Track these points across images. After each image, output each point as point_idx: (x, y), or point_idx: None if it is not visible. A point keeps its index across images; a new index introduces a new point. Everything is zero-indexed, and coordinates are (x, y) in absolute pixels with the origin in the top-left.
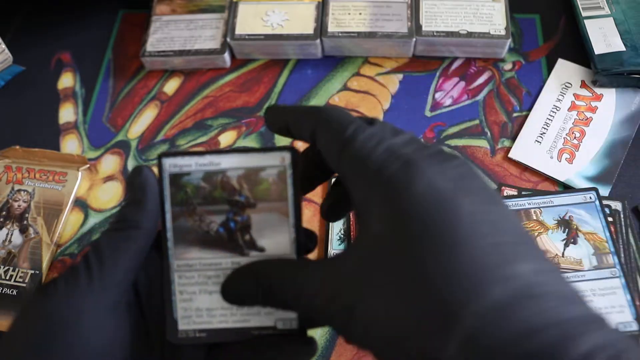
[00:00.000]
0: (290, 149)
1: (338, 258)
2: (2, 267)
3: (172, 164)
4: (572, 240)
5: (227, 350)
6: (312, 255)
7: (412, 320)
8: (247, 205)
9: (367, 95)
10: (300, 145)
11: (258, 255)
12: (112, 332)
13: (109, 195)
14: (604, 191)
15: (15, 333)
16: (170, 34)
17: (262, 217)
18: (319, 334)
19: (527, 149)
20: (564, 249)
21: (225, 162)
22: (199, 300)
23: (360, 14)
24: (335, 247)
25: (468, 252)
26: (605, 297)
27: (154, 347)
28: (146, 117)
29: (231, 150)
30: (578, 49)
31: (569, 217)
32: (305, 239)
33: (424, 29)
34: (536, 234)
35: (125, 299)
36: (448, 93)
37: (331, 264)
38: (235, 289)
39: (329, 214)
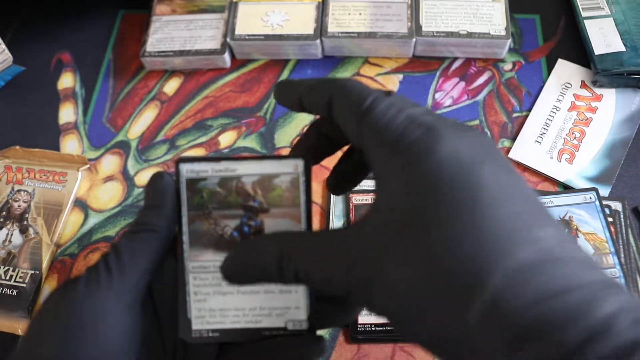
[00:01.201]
0: (304, 157)
1: (355, 227)
2: (2, 267)
3: (189, 170)
4: None
5: (238, 349)
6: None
7: (435, 286)
8: (261, 211)
9: None
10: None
11: None
12: (129, 331)
13: (109, 196)
14: (604, 191)
15: (37, 332)
16: (170, 34)
17: (275, 222)
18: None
19: (527, 149)
20: None
21: (241, 168)
22: (213, 301)
23: (360, 14)
24: None
25: (491, 217)
26: None
27: (167, 345)
28: (146, 117)
29: (247, 157)
30: (578, 49)
31: (569, 217)
32: None
33: (424, 29)
34: None
35: (141, 299)
36: (448, 93)
37: (349, 234)
38: (248, 262)
39: (335, 186)
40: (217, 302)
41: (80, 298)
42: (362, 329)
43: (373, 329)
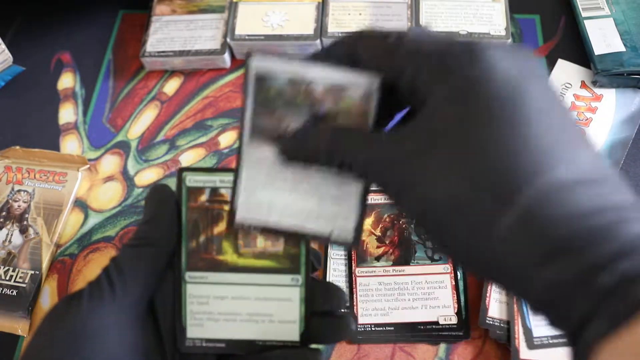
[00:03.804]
0: (380, 76)
1: (399, 131)
2: (2, 267)
3: (259, 66)
4: None
5: None
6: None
7: (474, 189)
8: (327, 118)
9: None
10: None
11: None
12: (131, 345)
13: (109, 196)
14: None
15: (40, 348)
16: (170, 34)
17: None
18: None
19: None
20: None
21: (313, 72)
22: (262, 194)
23: (360, 14)
24: (334, 247)
25: (535, 131)
26: None
27: (167, 358)
28: (146, 117)
29: (322, 64)
30: (578, 49)
31: None
32: None
33: None
34: None
35: (142, 312)
36: None
37: (392, 136)
38: (303, 143)
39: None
40: (266, 195)
41: (84, 313)
42: (362, 329)
43: (373, 329)
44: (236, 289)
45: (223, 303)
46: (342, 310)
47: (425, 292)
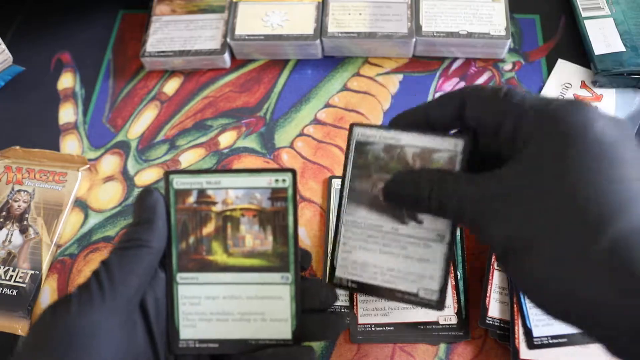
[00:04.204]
0: (465, 137)
1: (499, 173)
2: (2, 267)
3: (359, 133)
4: None
5: None
6: (310, 248)
7: (568, 218)
8: None
9: (367, 96)
10: None
11: (415, 226)
12: (123, 346)
13: (109, 196)
14: None
15: (31, 352)
16: (170, 34)
17: None
18: None
19: None
20: None
21: (405, 139)
22: (357, 255)
23: (360, 14)
24: None
25: (626, 179)
26: None
27: (160, 358)
28: (146, 117)
29: (413, 130)
30: (578, 49)
31: None
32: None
33: (424, 29)
34: None
35: (134, 315)
36: None
37: (493, 177)
38: (399, 188)
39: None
40: (361, 255)
41: (73, 316)
42: (362, 329)
43: (373, 329)
44: (227, 288)
45: (215, 303)
46: (342, 310)
47: None
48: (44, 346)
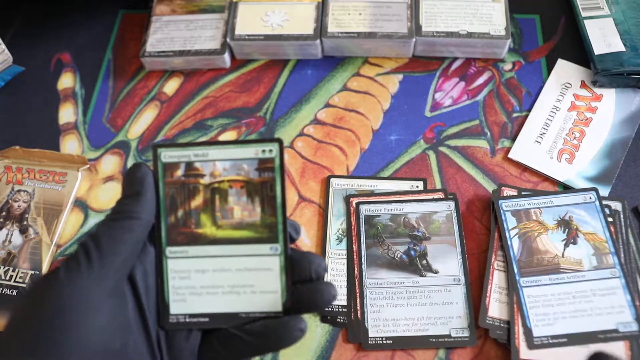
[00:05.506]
0: (455, 199)
1: None
2: (2, 267)
3: (366, 208)
4: (572, 241)
5: (220, 337)
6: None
7: None
8: (424, 239)
9: (367, 96)
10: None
11: (433, 276)
12: (111, 316)
13: (109, 196)
14: (604, 191)
15: (20, 321)
16: (170, 34)
17: (436, 248)
18: (319, 334)
19: (527, 149)
20: (564, 249)
21: (407, 207)
22: (386, 312)
23: (360, 14)
24: (333, 246)
25: None
26: (605, 297)
27: (150, 334)
28: (146, 117)
29: (411, 200)
30: (578, 49)
31: (569, 217)
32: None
33: (423, 29)
34: (536, 234)
35: (122, 286)
36: (448, 93)
37: None
38: None
39: None
40: (390, 312)
41: (61, 285)
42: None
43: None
44: (216, 261)
45: (204, 276)
46: (340, 310)
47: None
48: (33, 317)
